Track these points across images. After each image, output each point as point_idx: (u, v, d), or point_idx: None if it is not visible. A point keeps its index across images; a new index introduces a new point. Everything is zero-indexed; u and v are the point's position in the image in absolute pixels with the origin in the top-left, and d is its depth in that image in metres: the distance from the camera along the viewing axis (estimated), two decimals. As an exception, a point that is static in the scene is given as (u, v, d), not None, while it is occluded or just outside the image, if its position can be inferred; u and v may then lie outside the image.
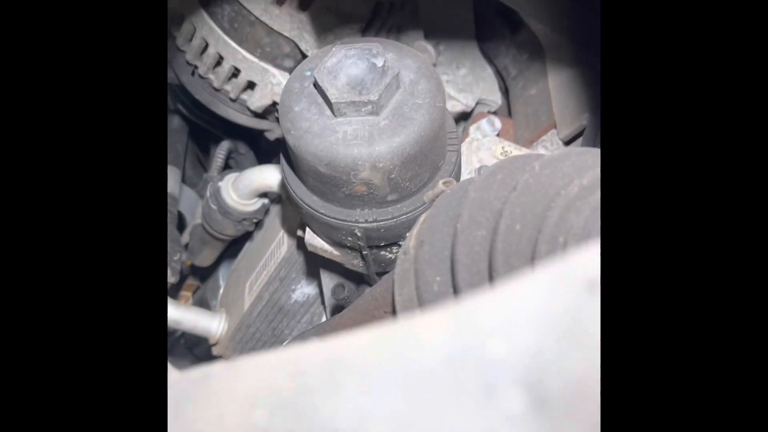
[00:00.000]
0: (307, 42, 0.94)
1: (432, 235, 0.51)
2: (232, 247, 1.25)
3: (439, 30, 1.10)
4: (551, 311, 0.19)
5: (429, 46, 1.05)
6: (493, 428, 0.19)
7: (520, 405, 0.19)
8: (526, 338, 0.19)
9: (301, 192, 0.74)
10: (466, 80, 1.08)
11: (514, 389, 0.19)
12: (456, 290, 0.48)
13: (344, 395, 0.21)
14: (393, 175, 0.67)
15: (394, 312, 0.55)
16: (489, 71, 1.12)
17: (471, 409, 0.19)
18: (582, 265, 0.20)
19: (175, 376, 0.33)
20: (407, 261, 0.53)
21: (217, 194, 1.08)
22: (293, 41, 0.95)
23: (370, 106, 0.66)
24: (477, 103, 1.09)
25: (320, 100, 0.68)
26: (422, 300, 0.50)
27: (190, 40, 1.02)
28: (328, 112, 0.67)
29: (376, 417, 0.20)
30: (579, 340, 0.19)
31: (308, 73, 0.70)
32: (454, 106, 1.06)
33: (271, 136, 1.13)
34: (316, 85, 0.67)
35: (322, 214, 0.73)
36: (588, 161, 0.48)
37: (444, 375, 0.20)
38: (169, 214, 1.25)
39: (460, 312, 0.21)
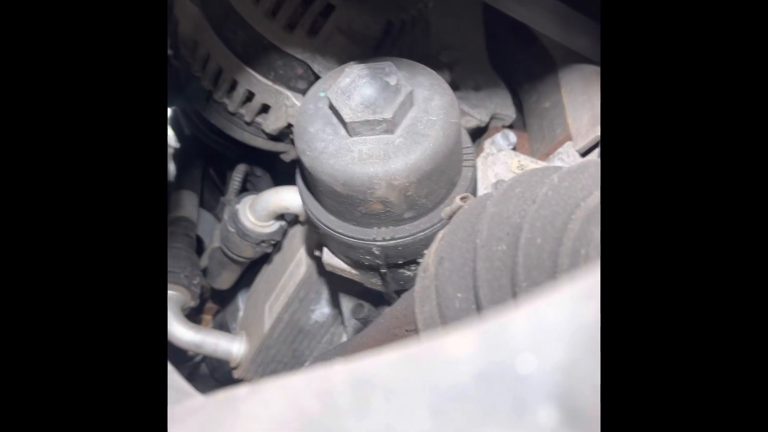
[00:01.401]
0: (319, 63, 0.95)
1: (451, 252, 0.51)
2: (251, 270, 1.25)
3: (451, 46, 1.10)
4: (581, 324, 0.19)
5: (444, 66, 1.06)
6: (526, 446, 0.19)
7: (552, 420, 0.19)
8: (556, 353, 0.19)
9: (318, 212, 0.75)
10: (480, 95, 1.09)
11: (546, 405, 0.19)
12: (478, 306, 0.47)
13: (372, 415, 0.21)
14: (409, 193, 0.67)
15: (416, 330, 0.55)
16: (502, 86, 1.12)
17: (503, 426, 0.19)
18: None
19: (199, 400, 0.33)
20: (427, 278, 0.53)
21: (234, 217, 1.08)
22: (306, 63, 0.96)
23: (384, 125, 0.66)
24: (491, 118, 1.09)
25: (335, 120, 0.69)
26: (444, 317, 0.50)
27: (205, 65, 1.03)
28: (342, 131, 0.68)
29: (405, 436, 0.20)
30: (611, 353, 0.18)
31: (322, 94, 0.70)
32: (468, 122, 1.06)
33: (287, 157, 1.14)
34: (330, 105, 0.68)
35: (339, 233, 0.73)
36: (607, 172, 0.48)
37: (474, 392, 0.20)
38: (187, 239, 1.26)
39: (488, 328, 0.21)
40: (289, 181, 1.07)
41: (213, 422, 0.26)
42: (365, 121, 0.66)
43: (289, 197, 1.03)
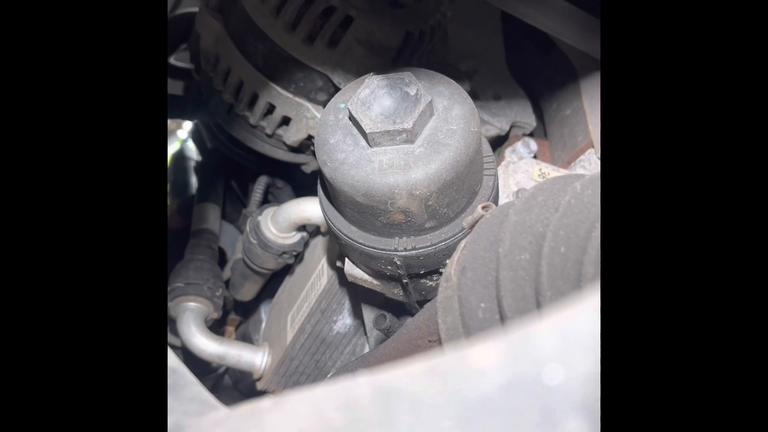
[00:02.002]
0: (339, 75, 0.95)
1: (474, 261, 0.50)
2: (274, 281, 1.26)
3: (470, 55, 1.10)
4: (609, 335, 0.19)
5: (463, 76, 1.06)
6: (555, 459, 0.18)
7: (581, 433, 0.19)
8: (584, 363, 0.19)
9: (339, 223, 0.75)
10: (499, 104, 1.08)
11: (574, 416, 0.19)
12: (502, 317, 0.47)
13: (398, 427, 0.21)
14: (430, 202, 0.67)
15: (438, 341, 0.54)
16: (522, 94, 1.12)
17: (531, 439, 0.19)
18: (638, 286, 0.19)
19: (223, 412, 0.33)
20: (449, 288, 0.53)
21: (256, 228, 1.09)
22: (326, 75, 0.96)
23: (404, 135, 0.66)
24: (511, 127, 1.08)
25: (355, 131, 0.69)
26: (468, 328, 0.49)
27: (226, 79, 1.04)
28: (363, 142, 0.68)
29: (432, 449, 0.20)
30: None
31: (342, 106, 0.71)
32: (489, 131, 1.06)
33: (308, 169, 1.14)
34: (350, 116, 0.68)
35: (360, 244, 0.73)
36: (630, 179, 0.47)
37: (501, 404, 0.20)
38: (210, 251, 1.27)
39: (513, 339, 0.21)
40: (310, 192, 1.08)
41: (238, 434, 0.26)
42: (385, 132, 0.66)
43: (310, 208, 1.03)
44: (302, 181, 1.24)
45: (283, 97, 1.00)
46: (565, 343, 0.19)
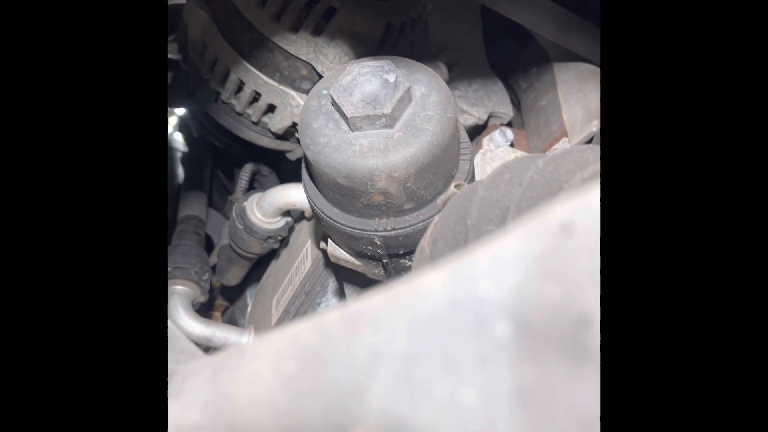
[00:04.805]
0: (323, 64, 0.99)
1: (445, 233, 0.54)
2: (259, 267, 1.29)
3: (450, 47, 1.14)
4: (531, 253, 0.22)
5: (442, 65, 1.10)
6: (485, 353, 0.22)
7: (508, 333, 0.22)
8: (511, 278, 0.23)
9: (322, 205, 0.78)
10: (478, 94, 1.12)
11: (503, 321, 0.22)
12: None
13: (360, 339, 0.25)
14: (408, 184, 0.70)
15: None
16: (500, 85, 1.15)
17: (467, 341, 0.22)
18: (555, 214, 0.23)
19: (210, 358, 0.36)
20: (423, 259, 0.56)
21: (242, 214, 1.12)
22: (310, 64, 0.99)
23: (384, 120, 0.69)
24: (489, 116, 1.12)
25: (337, 116, 0.72)
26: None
27: (213, 68, 1.07)
28: (344, 126, 0.71)
29: (387, 353, 0.23)
30: (554, 275, 0.22)
31: (325, 92, 0.74)
32: (467, 120, 1.09)
33: (292, 156, 1.17)
34: (332, 102, 0.71)
35: (342, 225, 0.76)
36: (589, 157, 0.51)
37: (444, 317, 0.23)
38: (197, 236, 1.30)
39: (457, 263, 0.25)
40: (295, 179, 1.11)
41: (223, 368, 0.30)
42: (366, 116, 0.69)
43: (294, 194, 1.06)
44: (287, 169, 1.27)
45: (268, 86, 1.03)
46: (497, 263, 0.23)
